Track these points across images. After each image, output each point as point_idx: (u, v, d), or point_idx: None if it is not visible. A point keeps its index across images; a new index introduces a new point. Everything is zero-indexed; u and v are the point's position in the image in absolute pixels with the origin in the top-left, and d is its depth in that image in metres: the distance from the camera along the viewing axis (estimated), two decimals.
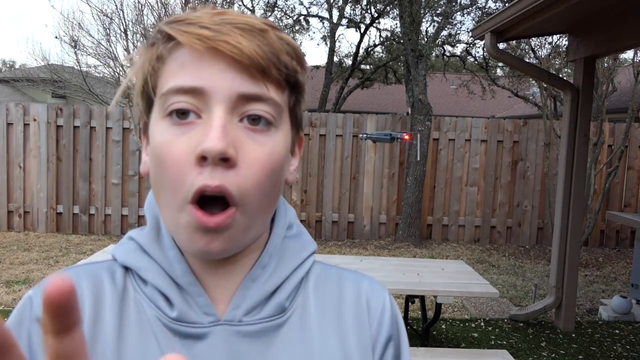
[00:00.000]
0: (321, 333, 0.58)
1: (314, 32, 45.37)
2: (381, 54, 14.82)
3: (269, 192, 0.51)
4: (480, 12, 10.07)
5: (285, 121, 0.53)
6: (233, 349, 0.53)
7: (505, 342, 3.93)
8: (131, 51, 6.29)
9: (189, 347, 0.52)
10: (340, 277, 0.63)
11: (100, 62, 7.73)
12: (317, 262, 0.63)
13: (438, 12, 8.87)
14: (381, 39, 13.24)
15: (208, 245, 0.49)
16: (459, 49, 12.04)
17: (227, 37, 0.47)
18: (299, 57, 0.52)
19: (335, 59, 13.86)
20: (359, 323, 0.59)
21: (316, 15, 13.61)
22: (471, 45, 11.60)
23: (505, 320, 4.41)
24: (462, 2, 9.51)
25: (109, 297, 0.55)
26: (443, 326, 4.22)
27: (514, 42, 8.79)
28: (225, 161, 0.47)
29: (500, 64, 12.80)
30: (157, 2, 6.26)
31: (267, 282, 0.55)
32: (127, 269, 0.57)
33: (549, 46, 8.28)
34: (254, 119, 0.49)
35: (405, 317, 3.94)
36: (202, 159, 0.47)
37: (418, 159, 6.80)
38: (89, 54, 8.10)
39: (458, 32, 15.17)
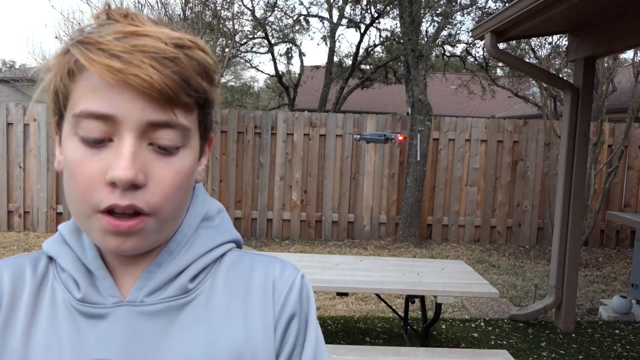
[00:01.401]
0: (226, 314, 0.61)
1: (314, 32, 45.36)
2: (381, 54, 14.82)
3: (179, 201, 0.57)
4: (480, 12, 10.08)
5: (194, 136, 0.57)
6: (134, 327, 0.57)
7: (505, 342, 3.93)
8: None
9: (93, 326, 0.57)
10: (253, 262, 0.65)
11: None
12: (236, 250, 0.67)
13: (438, 12, 8.88)
14: (381, 39, 13.24)
15: (121, 245, 0.54)
16: (459, 49, 12.05)
17: (137, 69, 0.49)
18: (209, 75, 0.56)
19: (335, 59, 13.86)
20: (264, 305, 0.62)
21: (316, 15, 13.63)
22: (471, 45, 11.60)
23: (505, 320, 4.41)
24: (462, 2, 9.52)
25: (27, 285, 0.60)
26: (443, 326, 4.22)
27: (514, 42, 8.80)
28: (134, 186, 0.52)
29: (500, 64, 12.80)
30: (157, 2, 6.26)
31: (171, 266, 0.60)
32: (51, 258, 0.63)
33: (549, 46, 8.28)
34: (162, 147, 0.54)
35: (405, 317, 3.94)
36: (113, 184, 0.51)
37: (418, 159, 6.80)
38: None
39: (458, 32, 15.17)
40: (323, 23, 13.84)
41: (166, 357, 0.57)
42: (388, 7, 11.82)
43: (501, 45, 4.31)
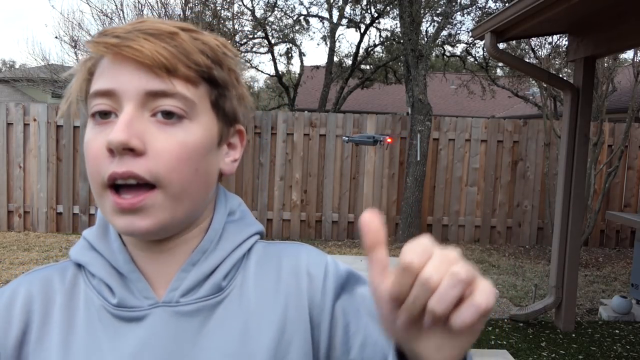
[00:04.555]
0: (260, 309, 0.60)
1: (314, 32, 45.36)
2: (381, 54, 14.82)
3: (191, 178, 0.56)
4: (480, 12, 10.08)
5: (204, 114, 0.57)
6: (171, 328, 0.57)
7: (505, 342, 3.93)
8: None
9: (132, 330, 0.57)
10: (279, 252, 0.65)
11: None
12: (260, 242, 0.66)
13: (438, 12, 8.88)
14: (381, 39, 13.24)
15: (130, 226, 0.54)
16: (459, 49, 12.06)
17: (131, 42, 0.52)
18: (215, 54, 0.57)
19: (335, 59, 13.86)
20: (299, 295, 0.62)
21: (316, 15, 13.64)
22: (471, 45, 11.61)
23: (505, 320, 4.41)
24: (462, 2, 9.52)
25: (58, 296, 0.60)
26: None
27: (514, 42, 8.80)
28: (131, 151, 0.52)
29: (500, 64, 12.80)
30: (157, 2, 6.26)
31: (204, 265, 0.60)
32: (80, 266, 0.62)
33: (549, 46, 8.28)
34: (166, 114, 0.54)
35: None
36: (110, 151, 0.52)
37: (418, 159, 6.80)
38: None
39: (458, 32, 15.16)
40: (323, 23, 13.83)
41: (204, 356, 0.57)
42: (388, 7, 11.82)
43: (501, 45, 4.31)
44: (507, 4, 7.36)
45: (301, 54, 14.63)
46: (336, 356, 0.61)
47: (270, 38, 13.20)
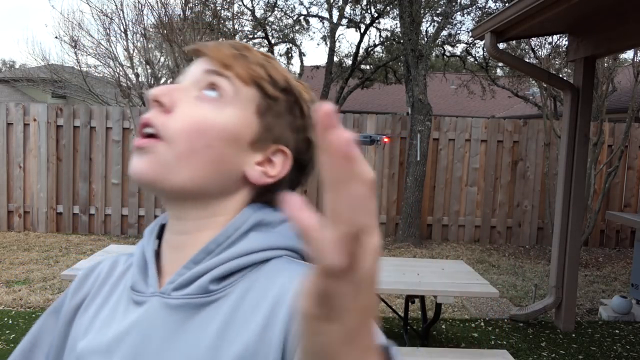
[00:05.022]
0: (244, 322, 0.57)
1: (314, 32, 45.34)
2: (381, 54, 14.81)
3: (199, 149, 0.60)
4: (480, 12, 10.08)
5: (244, 109, 0.63)
6: (158, 316, 0.61)
7: (505, 342, 3.93)
8: (131, 51, 6.29)
9: (133, 312, 0.63)
10: (287, 270, 0.60)
11: (100, 62, 7.74)
12: (288, 259, 0.62)
13: (438, 12, 8.88)
14: (381, 39, 13.23)
15: (135, 165, 0.61)
16: (459, 49, 12.05)
17: (212, 43, 0.64)
18: (274, 74, 0.64)
19: (335, 59, 13.85)
20: (273, 318, 0.57)
21: (316, 15, 13.62)
22: (471, 45, 11.60)
23: (505, 320, 4.41)
24: (462, 2, 9.52)
25: (116, 273, 0.70)
26: (443, 326, 4.22)
27: (514, 42, 8.80)
28: (160, 105, 0.60)
29: (500, 64, 12.80)
30: (157, 2, 6.26)
31: (203, 265, 0.61)
32: None
33: (549, 46, 8.28)
34: (210, 85, 0.62)
35: (405, 317, 3.94)
36: (149, 103, 0.62)
37: (418, 159, 6.80)
38: (89, 54, 8.10)
39: (458, 32, 15.16)
40: (323, 23, 13.82)
41: (171, 352, 0.58)
42: (388, 7, 11.81)
43: (501, 45, 4.31)
44: (507, 4, 7.35)
45: (301, 54, 14.62)
46: None
47: (270, 38, 13.20)
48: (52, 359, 0.69)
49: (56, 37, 8.53)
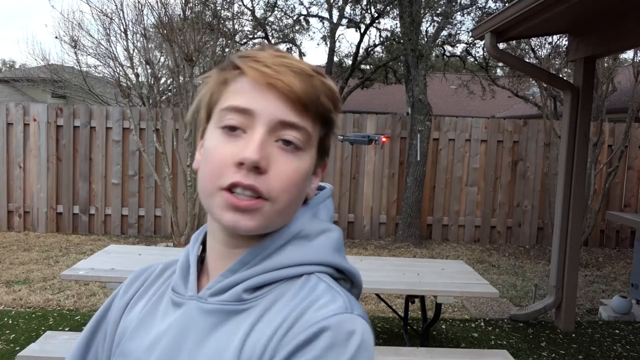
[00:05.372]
0: (259, 334, 0.59)
1: (314, 32, 45.31)
2: (381, 54, 14.80)
3: (294, 198, 0.64)
4: (480, 12, 10.07)
5: (313, 147, 0.66)
6: (193, 319, 0.64)
7: (505, 342, 3.93)
8: (131, 51, 6.29)
9: (173, 313, 0.67)
10: (314, 289, 0.62)
11: (100, 62, 7.75)
12: (325, 277, 0.64)
13: (438, 12, 8.87)
14: (381, 39, 13.23)
15: (237, 222, 0.62)
16: (459, 49, 12.04)
17: (282, 76, 0.61)
18: (334, 98, 0.66)
19: (335, 59, 13.84)
20: (282, 339, 0.58)
21: (316, 15, 13.62)
22: (471, 45, 11.60)
23: (505, 320, 4.41)
24: (462, 2, 9.51)
25: (166, 274, 0.75)
26: (443, 326, 4.22)
27: (514, 42, 8.79)
28: (257, 169, 0.60)
29: (500, 64, 12.80)
30: (157, 2, 6.25)
31: (239, 274, 0.64)
32: None
33: (549, 46, 8.27)
34: (286, 142, 0.62)
35: (405, 317, 3.94)
36: (240, 164, 0.60)
37: (418, 159, 6.80)
38: (89, 54, 8.11)
39: (458, 32, 15.14)
40: (323, 23, 13.81)
41: (201, 353, 0.62)
42: (388, 7, 11.80)
43: (501, 45, 4.31)
44: (507, 4, 7.35)
45: (301, 54, 14.61)
46: None
47: (270, 38, 13.19)
48: (106, 352, 0.74)
49: (56, 37, 8.55)
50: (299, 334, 0.57)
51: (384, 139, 4.89)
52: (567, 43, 4.53)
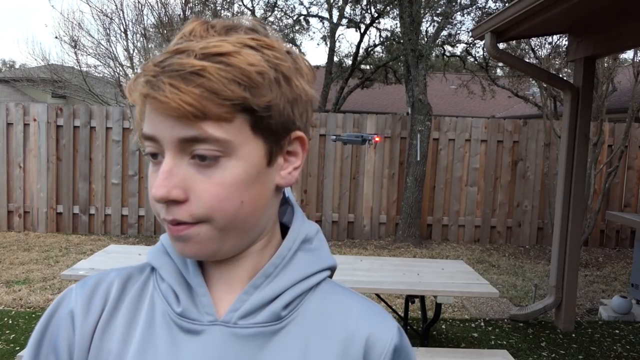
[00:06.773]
0: (318, 349, 0.60)
1: (314, 32, 45.35)
2: (381, 54, 14.81)
3: (236, 211, 0.56)
4: (480, 12, 10.07)
5: (244, 144, 0.55)
6: (226, 348, 0.58)
7: (505, 342, 3.93)
8: (131, 51, 6.29)
9: (188, 341, 0.59)
10: (350, 302, 0.64)
11: (100, 62, 7.74)
12: (330, 281, 0.66)
13: (438, 12, 8.87)
14: (381, 39, 13.23)
15: (182, 250, 0.57)
16: (459, 49, 12.04)
17: (157, 92, 0.52)
18: (251, 79, 0.53)
19: (335, 59, 13.85)
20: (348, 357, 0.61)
21: (316, 15, 13.61)
22: (471, 45, 11.60)
23: (505, 320, 4.41)
24: (462, 2, 9.51)
25: (131, 292, 0.64)
26: (443, 326, 4.22)
27: (514, 42, 8.80)
28: (174, 201, 0.54)
29: (500, 64, 12.80)
30: (157, 2, 6.26)
31: (266, 290, 0.60)
32: (154, 268, 0.65)
33: (549, 46, 8.28)
34: (201, 157, 0.54)
35: (405, 317, 3.94)
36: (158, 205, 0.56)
37: (418, 159, 6.80)
38: (89, 54, 8.10)
39: (458, 32, 15.16)
40: (323, 23, 13.81)
41: None
42: (388, 7, 11.81)
43: (501, 45, 4.31)
44: (507, 4, 7.35)
45: (301, 54, 14.62)
46: None
47: None
48: None
49: (56, 37, 8.54)
50: (381, 354, 0.63)
51: (377, 139, 4.89)
52: (567, 43, 4.53)
